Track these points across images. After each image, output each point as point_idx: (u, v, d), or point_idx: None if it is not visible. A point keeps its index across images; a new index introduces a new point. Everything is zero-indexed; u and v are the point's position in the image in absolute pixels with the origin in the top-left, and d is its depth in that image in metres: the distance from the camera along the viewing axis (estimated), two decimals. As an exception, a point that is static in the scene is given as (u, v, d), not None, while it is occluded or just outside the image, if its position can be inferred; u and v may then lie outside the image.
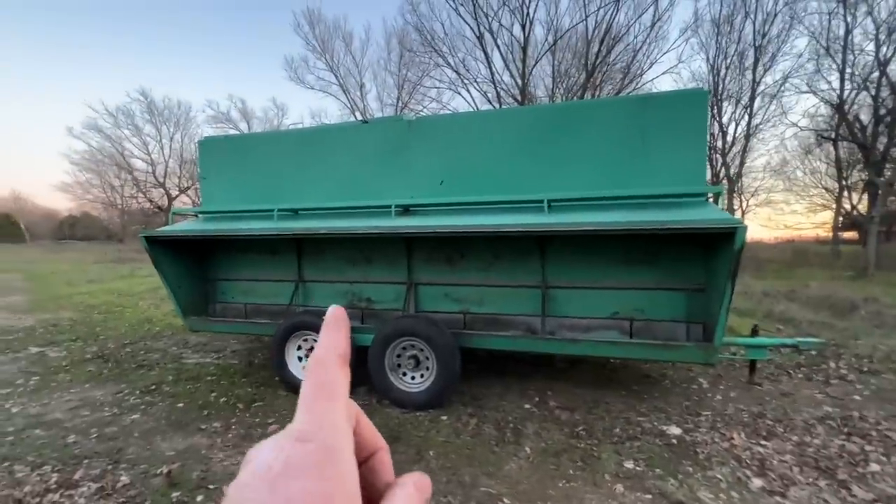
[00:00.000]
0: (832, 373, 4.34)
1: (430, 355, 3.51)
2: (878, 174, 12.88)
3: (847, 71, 14.04)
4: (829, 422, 3.31)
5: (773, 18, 15.24)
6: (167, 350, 5.40)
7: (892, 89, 13.00)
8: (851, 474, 2.63)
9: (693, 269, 3.36)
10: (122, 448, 2.97)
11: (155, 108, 31.18)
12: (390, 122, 4.09)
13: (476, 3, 16.53)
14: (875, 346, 5.07)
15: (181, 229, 4.20)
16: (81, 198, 35.12)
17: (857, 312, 6.72)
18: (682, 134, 3.30)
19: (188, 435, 3.17)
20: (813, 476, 2.63)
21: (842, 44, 13.83)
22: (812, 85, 15.34)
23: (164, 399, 3.83)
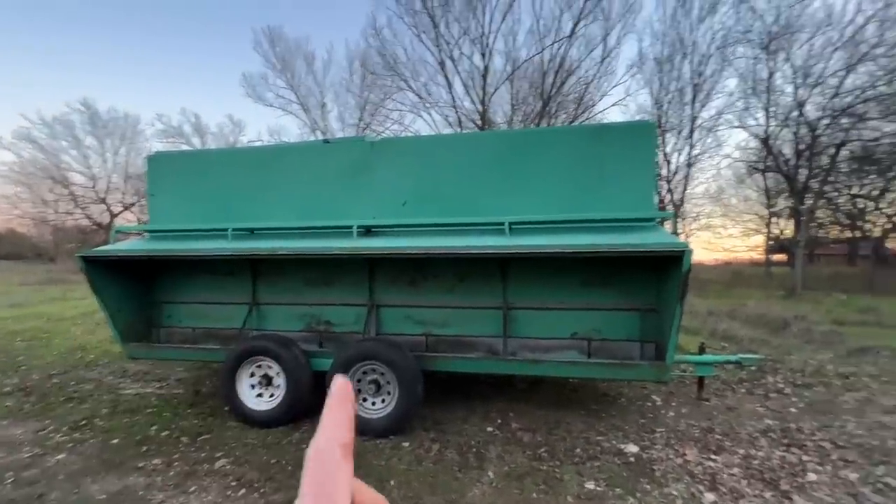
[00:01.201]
0: (771, 387, 4.64)
1: (392, 379, 3.43)
2: (800, 202, 14.23)
3: (771, 109, 15.61)
4: (771, 434, 3.51)
5: (707, 60, 16.75)
6: (102, 380, 4.94)
7: (809, 127, 14.53)
8: (792, 484, 2.79)
9: (646, 291, 3.53)
10: (43, 493, 2.66)
11: (98, 119, 29.32)
12: (352, 142, 4.08)
13: (437, 32, 17.07)
14: (806, 360, 5.48)
15: (125, 249, 3.92)
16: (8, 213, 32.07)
17: (789, 329, 7.27)
18: (633, 162, 3.50)
19: (123, 475, 2.89)
20: (759, 488, 2.76)
21: (766, 85, 15.40)
22: (742, 121, 16.89)
23: (97, 435, 3.48)
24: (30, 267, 26.70)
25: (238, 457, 3.12)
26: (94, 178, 29.54)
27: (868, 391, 4.47)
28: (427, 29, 17.27)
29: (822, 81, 14.33)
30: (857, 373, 4.98)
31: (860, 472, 2.90)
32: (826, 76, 14.21)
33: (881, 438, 3.37)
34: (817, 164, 14.74)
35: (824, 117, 14.24)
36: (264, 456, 3.13)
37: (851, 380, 4.79)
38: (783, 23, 14.63)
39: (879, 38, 13.26)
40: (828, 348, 6.19)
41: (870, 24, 13.42)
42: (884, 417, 3.80)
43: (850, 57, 13.69)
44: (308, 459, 0.26)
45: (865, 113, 13.82)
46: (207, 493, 2.68)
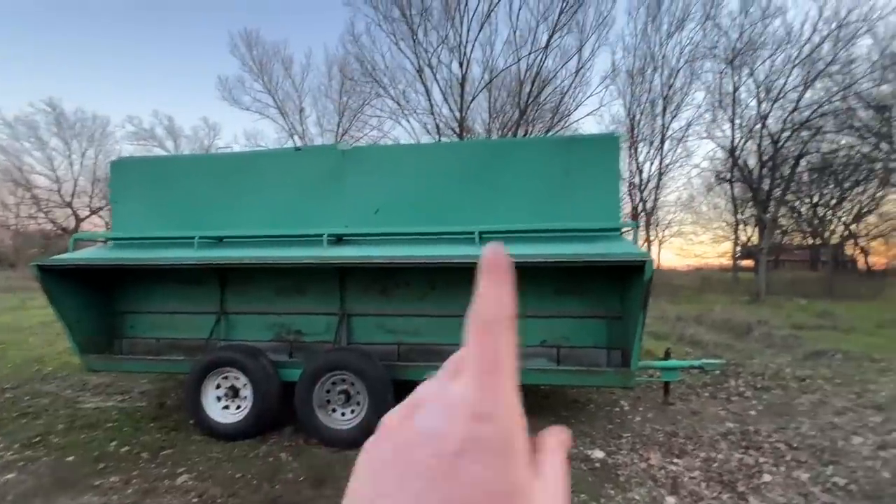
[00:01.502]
0: (732, 390, 4.81)
1: (362, 389, 3.41)
2: (764, 211, 14.86)
3: (737, 122, 16.28)
4: (731, 437, 3.64)
5: (676, 73, 17.41)
6: (60, 394, 4.73)
7: (771, 139, 15.22)
8: (749, 486, 2.90)
9: (611, 299, 3.62)
10: (-12, 516, 2.53)
11: (64, 120, 28.23)
12: (324, 150, 4.07)
13: (416, 39, 17.17)
14: (766, 364, 5.71)
15: (85, 257, 3.79)
16: (-38, 217, 30.42)
17: (752, 334, 7.56)
18: (598, 173, 3.61)
19: (77, 494, 2.77)
20: (717, 490, 2.86)
21: (731, 99, 16.07)
22: (710, 132, 17.57)
23: (51, 453, 3.33)
24: (-14, 274, 25.33)
25: (201, 472, 3.04)
26: (59, 181, 28.39)
27: (822, 393, 4.68)
28: (405, 36, 17.38)
29: (782, 96, 15.06)
30: (812, 375, 5.21)
31: (811, 473, 3.03)
32: (786, 91, 14.94)
33: (832, 439, 3.53)
34: (779, 175, 15.42)
35: (785, 130, 14.94)
36: (229, 470, 3.05)
37: (807, 382, 5.01)
38: (747, 40, 15.34)
39: (834, 56, 14.04)
40: (787, 352, 6.46)
41: (825, 42, 14.21)
42: (835, 418, 3.98)
43: (808, 73, 14.44)
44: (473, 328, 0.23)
45: (822, 127, 14.57)
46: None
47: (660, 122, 18.03)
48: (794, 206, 20.32)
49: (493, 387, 0.22)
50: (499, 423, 0.21)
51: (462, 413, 0.21)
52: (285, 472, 3.04)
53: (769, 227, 14.52)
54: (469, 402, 0.22)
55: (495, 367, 0.22)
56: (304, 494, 2.77)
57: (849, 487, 2.83)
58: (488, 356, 0.23)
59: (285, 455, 3.27)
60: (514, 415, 0.22)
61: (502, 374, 0.22)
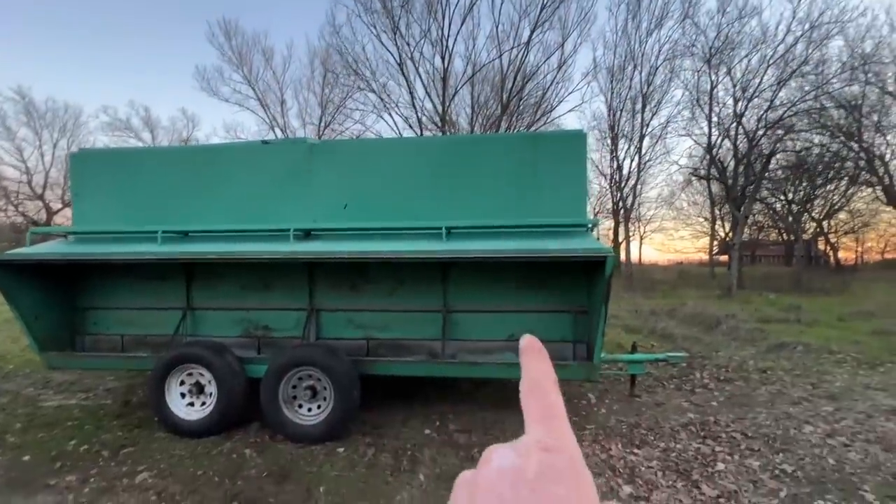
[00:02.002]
0: (697, 382, 4.95)
1: (328, 385, 3.41)
2: (737, 208, 15.23)
3: (714, 120, 16.59)
4: (691, 427, 3.75)
5: (655, 71, 17.62)
6: (20, 392, 4.61)
7: (747, 137, 15.58)
8: (703, 474, 3.00)
9: (577, 293, 3.68)
10: (-65, 518, 2.46)
11: (34, 109, 27.23)
12: (292, 143, 4.02)
13: (397, 32, 16.99)
14: (731, 356, 5.89)
15: (42, 252, 3.68)
16: (-74, 208, 29.13)
17: (720, 327, 7.78)
18: (565, 170, 3.65)
19: (30, 494, 2.72)
20: (673, 479, 2.95)
21: (709, 97, 16.36)
22: (688, 129, 17.88)
23: (6, 453, 3.25)
24: (-49, 268, 24.41)
25: (162, 469, 3.01)
26: (29, 173, 27.41)
27: (781, 384, 4.85)
28: (387, 29, 17.17)
29: (757, 95, 15.39)
30: (773, 367, 5.40)
31: (762, 461, 3.15)
32: (761, 90, 15.28)
33: (785, 428, 3.67)
34: (753, 172, 15.80)
35: (760, 128, 15.29)
36: (191, 467, 3.03)
37: (768, 374, 5.19)
38: (724, 39, 15.61)
39: (806, 56, 14.40)
40: (751, 345, 6.67)
41: (798, 43, 14.55)
42: (791, 408, 4.14)
43: (782, 73, 14.79)
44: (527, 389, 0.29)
45: (794, 125, 14.96)
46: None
47: (640, 118, 18.25)
48: (769, 203, 20.90)
49: (556, 427, 0.27)
50: (566, 451, 0.25)
51: (534, 448, 0.25)
52: (248, 468, 3.02)
53: (742, 223, 14.90)
54: (538, 439, 0.26)
55: (553, 413, 0.28)
56: (266, 490, 2.77)
57: (795, 474, 2.95)
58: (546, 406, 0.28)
59: (249, 451, 3.25)
60: (577, 449, 0.26)
61: (560, 418, 0.27)
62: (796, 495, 2.73)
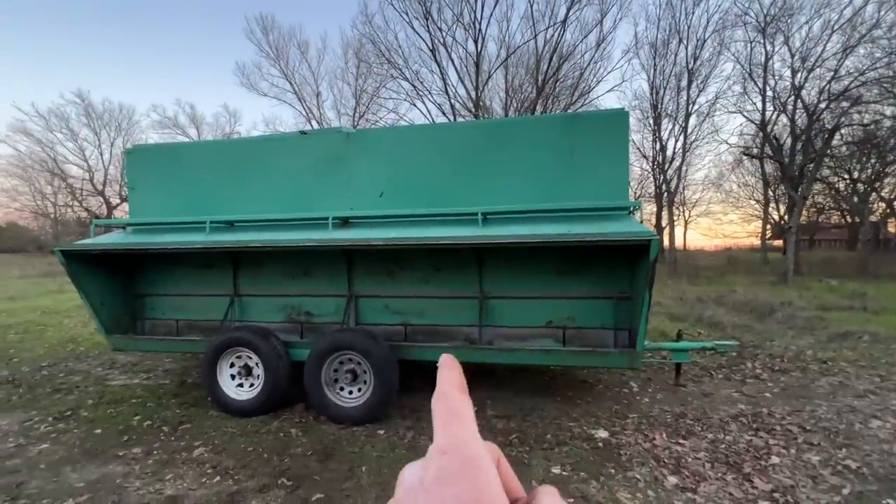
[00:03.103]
0: (748, 372, 4.70)
1: (368, 369, 3.49)
2: (794, 189, 14.17)
3: (768, 94, 15.43)
4: (742, 419, 3.57)
5: (703, 44, 16.52)
6: (90, 372, 5.03)
7: (806, 111, 14.39)
8: (755, 467, 2.85)
9: (619, 279, 3.56)
10: (23, 482, 2.73)
11: (93, 111, 29.23)
12: (329, 133, 4.08)
13: (430, 18, 16.80)
14: (787, 346, 5.54)
15: (104, 242, 3.95)
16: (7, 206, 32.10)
17: (774, 315, 7.32)
18: (606, 151, 3.50)
19: (103, 463, 2.96)
20: (722, 471, 2.82)
21: (763, 69, 15.19)
22: (739, 106, 16.72)
23: (80, 426, 3.56)
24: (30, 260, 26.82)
25: (216, 445, 3.20)
26: (91, 171, 29.53)
27: (844, 375, 4.52)
28: (419, 15, 17.02)
29: (819, 65, 14.13)
30: (835, 357, 5.03)
31: (822, 455, 2.96)
32: (824, 59, 14.01)
33: (849, 422, 3.43)
34: (813, 150, 14.61)
35: (821, 101, 14.07)
36: (242, 444, 3.20)
37: (829, 364, 4.84)
38: (781, 5, 14.37)
39: (878, 19, 13.04)
40: (809, 334, 6.24)
41: (869, 4, 13.18)
42: (855, 401, 3.85)
43: (849, 39, 13.48)
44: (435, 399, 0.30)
45: (860, 97, 13.65)
46: (183, 481, 2.75)
47: (685, 96, 17.24)
48: (830, 183, 19.31)
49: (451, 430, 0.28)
50: (459, 451, 0.26)
51: (434, 454, 0.27)
52: (295, 446, 3.16)
53: (799, 204, 13.85)
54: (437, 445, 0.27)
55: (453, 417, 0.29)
56: (311, 468, 2.88)
57: (861, 470, 2.75)
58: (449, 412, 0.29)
59: (295, 431, 3.40)
60: (471, 445, 0.27)
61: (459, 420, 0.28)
62: (861, 493, 2.54)
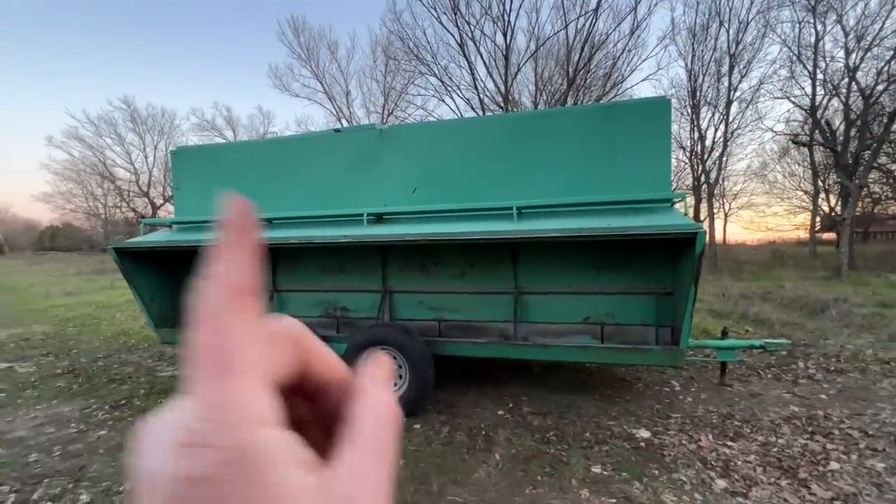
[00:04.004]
0: (801, 373, 4.43)
1: (403, 364, 3.51)
2: (848, 177, 13.25)
3: (819, 77, 14.47)
4: (795, 421, 3.38)
5: (746, 26, 15.65)
6: (141, 363, 5.30)
7: (862, 95, 13.41)
8: (812, 473, 2.69)
9: (661, 274, 3.43)
10: (85, 465, 2.91)
11: (138, 116, 30.78)
12: (362, 130, 4.11)
13: (458, 12, 16.69)
14: (843, 345, 5.19)
15: (152, 240, 4.14)
16: (62, 208, 34.35)
17: (827, 312, 6.88)
18: (646, 141, 3.37)
19: (155, 450, 3.12)
20: (775, 476, 2.68)
21: (812, 51, 14.25)
22: (786, 91, 15.77)
23: (135, 413, 3.76)
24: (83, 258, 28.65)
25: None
26: (136, 173, 31.14)
27: (910, 377, 4.20)
28: (447, 10, 16.94)
29: (877, 43, 13.12)
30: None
31: (888, 462, 2.76)
32: (883, 37, 12.99)
33: (917, 427, 3.18)
34: (870, 135, 13.60)
35: (880, 83, 13.07)
36: (283, 435, 3.29)
37: (892, 365, 4.51)
38: (833, -20, 13.42)
39: (946, -8, 11.97)
40: (868, 332, 5.82)
41: (935, -25, 12.12)
42: (924, 405, 3.57)
43: (911, 14, 12.45)
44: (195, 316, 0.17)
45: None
46: (229, 469, 2.86)
47: (726, 82, 16.41)
48: (889, 171, 17.96)
49: (219, 397, 0.16)
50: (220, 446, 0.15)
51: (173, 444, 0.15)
52: (333, 438, 3.22)
53: (855, 194, 12.93)
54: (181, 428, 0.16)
55: (211, 367, 0.16)
56: (349, 460, 2.93)
57: (934, 480, 2.55)
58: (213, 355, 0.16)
59: (333, 423, 3.46)
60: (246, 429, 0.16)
61: (222, 375, 0.16)
62: (936, 504, 2.35)
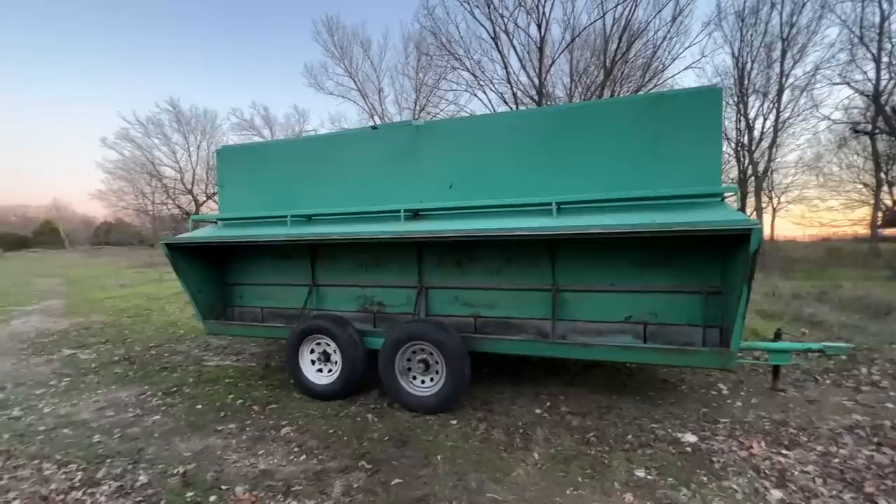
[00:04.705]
0: (863, 379, 4.13)
1: (440, 359, 3.51)
2: (918, 168, 12.20)
3: (884, 60, 13.38)
4: (858, 431, 3.15)
5: (801, 8, 14.66)
6: (189, 353, 5.58)
7: (934, 78, 12.31)
8: (879, 487, 2.50)
9: (709, 272, 3.27)
10: (142, 448, 3.09)
11: (182, 117, 32.31)
12: (399, 126, 4.13)
13: (491, 5, 16.51)
14: (912, 350, 4.80)
15: (199, 236, 4.33)
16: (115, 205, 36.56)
17: (893, 315, 6.36)
18: (695, 133, 3.21)
19: (205, 436, 3.27)
20: (837, 489, 2.50)
21: (877, 31, 13.18)
22: (846, 76, 14.69)
23: (184, 400, 3.96)
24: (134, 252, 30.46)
25: (301, 425, 3.40)
26: (181, 171, 32.74)
27: None
28: (480, 3, 16.78)
29: (952, 21, 12.00)
30: (978, 366, 4.28)
31: (969, 480, 2.52)
32: (959, 14, 11.87)
33: None
34: (943, 122, 12.47)
35: (954, 64, 11.96)
36: (323, 426, 3.37)
37: (970, 374, 4.13)
38: (902, -46, 12.36)
39: None
40: (942, 337, 5.35)
41: None
42: None
43: None
44: None
45: None
46: (273, 457, 2.95)
47: (777, 69, 15.46)
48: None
49: None
50: None
51: None
52: (371, 431, 3.27)
53: (924, 186, 11.89)
54: None
55: None
56: (388, 453, 2.97)
57: None
58: None
59: (371, 416, 3.52)
60: None
61: None
62: None
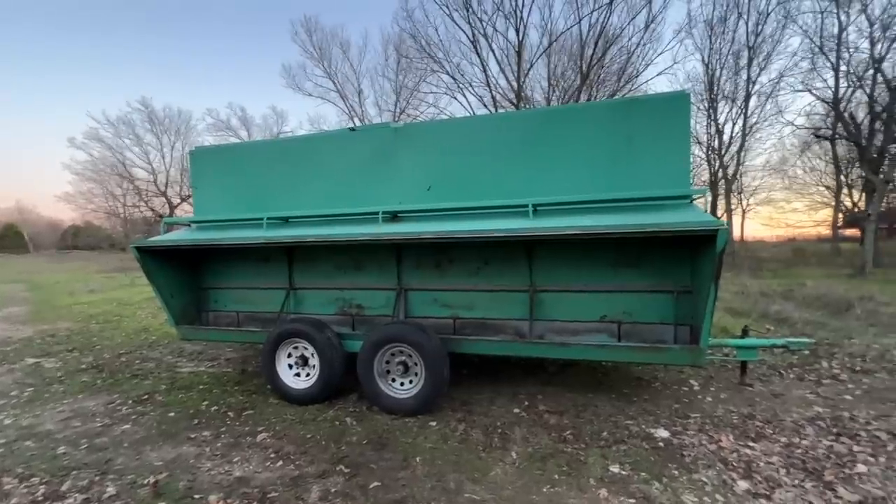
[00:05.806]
0: (824, 373, 4.33)
1: (419, 361, 3.52)
2: (874, 172, 12.86)
3: (842, 69, 14.07)
4: (819, 422, 3.30)
5: (766, 18, 15.31)
6: (162, 359, 5.42)
7: (888, 86, 12.99)
8: (838, 475, 2.62)
9: (680, 271, 3.37)
10: (110, 458, 2.99)
11: (155, 117, 31.41)
12: (377, 129, 4.12)
13: (470, 9, 16.66)
14: (869, 345, 5.05)
15: (172, 239, 4.22)
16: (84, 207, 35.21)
17: (852, 311, 6.69)
18: (665, 137, 3.31)
19: (177, 444, 3.18)
20: (799, 478, 2.62)
21: (836, 42, 13.86)
22: (807, 83, 15.38)
23: (156, 408, 3.84)
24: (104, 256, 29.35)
25: (277, 431, 3.35)
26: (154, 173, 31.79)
27: (940, 378, 4.07)
28: (459, 7, 16.90)
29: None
30: (928, 358, 4.53)
31: (919, 466, 2.67)
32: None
33: (949, 430, 3.07)
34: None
35: (907, 74, 12.65)
36: (300, 431, 3.33)
37: (921, 366, 4.37)
38: (858, -32, 13.02)
39: (978, -22, 11.53)
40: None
41: (967, -39, 11.67)
42: (956, 407, 3.45)
43: (941, 2, 12.02)
44: None
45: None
46: (249, 463, 2.90)
47: (744, 76, 16.09)
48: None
49: None
50: None
51: None
52: (350, 434, 3.25)
53: (880, 189, 12.55)
54: None
55: None
56: (367, 456, 2.95)
57: (968, 485, 2.46)
58: None
59: (350, 420, 3.49)
60: None
61: None
62: (970, 510, 2.27)
